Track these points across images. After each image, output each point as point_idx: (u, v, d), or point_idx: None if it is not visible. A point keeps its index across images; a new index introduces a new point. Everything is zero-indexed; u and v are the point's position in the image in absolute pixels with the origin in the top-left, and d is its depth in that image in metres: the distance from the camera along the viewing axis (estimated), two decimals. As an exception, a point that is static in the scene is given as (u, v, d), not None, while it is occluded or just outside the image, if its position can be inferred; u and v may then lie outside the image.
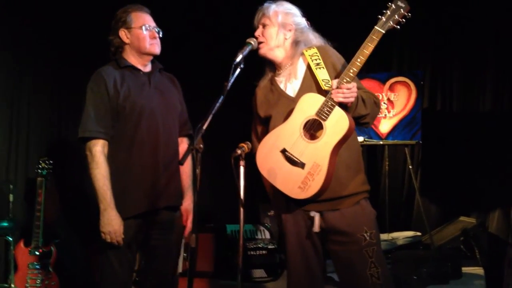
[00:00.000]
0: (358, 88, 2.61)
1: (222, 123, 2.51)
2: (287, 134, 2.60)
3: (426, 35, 5.80)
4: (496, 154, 5.24)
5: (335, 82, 2.52)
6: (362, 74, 5.75)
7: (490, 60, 5.51)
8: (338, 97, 2.49)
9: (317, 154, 2.52)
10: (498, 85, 5.44)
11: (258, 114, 2.85)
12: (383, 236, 5.17)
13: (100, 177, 2.89)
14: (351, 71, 2.50)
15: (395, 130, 5.41)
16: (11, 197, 4.74)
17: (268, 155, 2.62)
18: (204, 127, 2.34)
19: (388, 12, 2.53)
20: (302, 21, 2.79)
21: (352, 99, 2.52)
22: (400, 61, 6.03)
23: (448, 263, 4.12)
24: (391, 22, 2.52)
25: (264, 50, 2.75)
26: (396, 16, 2.52)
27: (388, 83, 5.47)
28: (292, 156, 2.56)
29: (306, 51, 2.72)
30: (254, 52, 2.73)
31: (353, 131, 2.57)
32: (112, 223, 2.87)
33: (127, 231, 2.93)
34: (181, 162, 2.36)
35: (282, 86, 2.77)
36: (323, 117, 2.52)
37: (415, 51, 5.96)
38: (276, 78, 2.80)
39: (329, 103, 2.51)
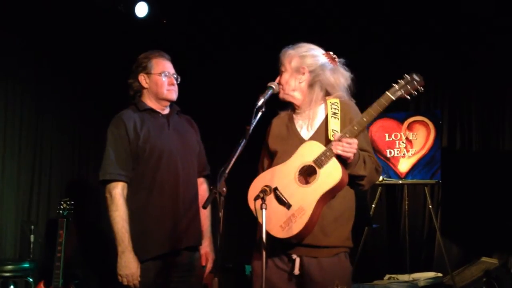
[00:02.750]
0: (365, 150, 2.66)
1: (241, 162, 2.54)
2: (282, 174, 2.64)
3: (443, 74, 5.82)
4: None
5: (337, 135, 2.56)
6: (381, 113, 5.78)
7: (508, 98, 5.50)
8: (337, 149, 2.52)
9: (305, 198, 2.56)
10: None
11: (267, 144, 2.88)
12: (404, 277, 5.10)
13: (119, 220, 2.91)
14: (355, 127, 2.55)
15: (415, 169, 5.39)
16: (32, 238, 4.77)
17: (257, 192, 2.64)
18: (227, 170, 2.36)
19: (402, 82, 2.58)
20: (316, 62, 2.77)
21: (350, 154, 2.53)
22: (417, 100, 6.04)
23: (471, 306, 4.05)
24: (402, 91, 2.57)
25: (281, 95, 2.80)
26: (409, 87, 2.57)
27: (406, 122, 5.48)
28: (281, 196, 2.60)
29: (329, 99, 2.75)
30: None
31: (343, 185, 2.59)
32: (129, 266, 2.88)
33: (147, 274, 2.93)
34: (204, 206, 2.37)
35: (298, 126, 2.79)
36: (319, 164, 2.57)
37: (432, 90, 5.97)
38: (295, 116, 2.83)
39: (328, 153, 2.55)
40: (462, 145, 5.77)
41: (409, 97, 2.58)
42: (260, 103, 2.59)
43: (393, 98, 2.56)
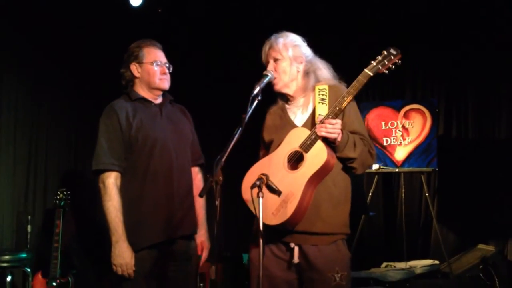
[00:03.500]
0: (357, 133, 2.70)
1: (237, 151, 2.54)
2: (272, 163, 2.68)
3: (440, 62, 5.82)
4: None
5: (320, 117, 2.61)
6: (377, 101, 5.81)
7: (504, 87, 5.51)
8: (321, 131, 2.57)
9: (294, 183, 2.59)
10: (513, 111, 5.44)
11: (262, 138, 2.91)
12: (401, 265, 5.13)
13: (112, 209, 2.91)
14: (337, 107, 2.59)
15: (411, 158, 5.39)
16: (29, 228, 4.78)
17: (251, 183, 2.63)
18: (224, 159, 2.36)
19: (379, 58, 2.63)
20: (308, 51, 2.85)
21: (334, 135, 2.57)
22: (413, 89, 6.05)
23: (468, 292, 4.07)
24: (379, 66, 2.62)
25: (279, 86, 2.80)
26: (386, 62, 2.62)
27: (403, 111, 5.48)
28: (271, 184, 2.61)
29: (317, 85, 2.77)
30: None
31: (330, 167, 2.62)
32: (123, 255, 2.88)
33: (143, 264, 2.93)
34: (201, 195, 2.37)
35: (291, 115, 2.82)
36: (305, 149, 2.61)
37: (429, 78, 5.98)
38: (287, 106, 2.85)
39: (313, 137, 2.59)
40: (458, 133, 5.78)
41: (387, 72, 2.64)
42: (256, 91, 2.62)
43: (371, 74, 2.61)
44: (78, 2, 5.17)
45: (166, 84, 3.12)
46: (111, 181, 2.94)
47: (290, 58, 2.78)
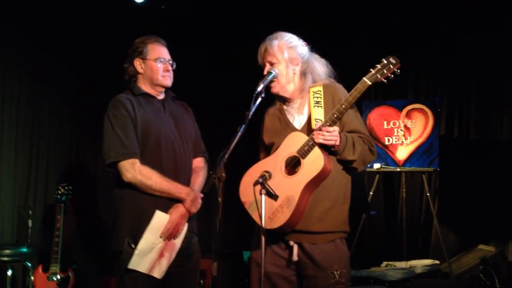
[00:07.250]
0: (356, 131, 2.69)
1: (240, 148, 2.55)
2: (270, 166, 2.68)
3: (442, 62, 5.82)
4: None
5: (318, 124, 2.61)
6: (379, 101, 5.81)
7: (506, 87, 5.50)
8: (319, 138, 2.57)
9: (291, 189, 2.60)
10: (515, 112, 5.44)
11: (262, 140, 2.91)
12: (401, 264, 5.13)
13: (159, 181, 2.89)
14: (335, 115, 2.59)
15: (413, 157, 5.39)
16: (30, 223, 4.79)
17: (249, 185, 2.66)
18: (227, 156, 2.36)
19: (379, 66, 2.61)
20: (305, 50, 2.82)
21: (332, 142, 2.58)
22: (416, 88, 6.04)
23: (468, 293, 4.06)
24: (379, 76, 2.61)
25: (277, 89, 2.79)
26: (385, 71, 2.61)
27: (405, 110, 5.47)
28: (268, 188, 2.61)
29: (312, 87, 2.77)
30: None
31: (327, 173, 2.62)
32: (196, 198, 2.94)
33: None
34: (204, 191, 2.37)
35: (289, 117, 2.82)
36: (302, 155, 2.61)
37: (431, 78, 5.97)
38: (285, 108, 2.85)
39: (310, 143, 2.60)
40: (460, 133, 5.77)
41: (385, 81, 2.62)
42: (259, 88, 2.62)
43: (369, 83, 2.61)
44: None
45: (168, 81, 3.13)
46: (138, 165, 2.90)
47: (286, 60, 2.76)
